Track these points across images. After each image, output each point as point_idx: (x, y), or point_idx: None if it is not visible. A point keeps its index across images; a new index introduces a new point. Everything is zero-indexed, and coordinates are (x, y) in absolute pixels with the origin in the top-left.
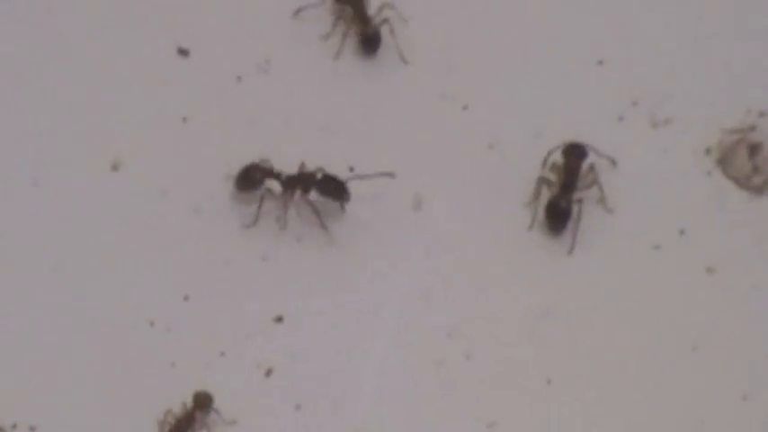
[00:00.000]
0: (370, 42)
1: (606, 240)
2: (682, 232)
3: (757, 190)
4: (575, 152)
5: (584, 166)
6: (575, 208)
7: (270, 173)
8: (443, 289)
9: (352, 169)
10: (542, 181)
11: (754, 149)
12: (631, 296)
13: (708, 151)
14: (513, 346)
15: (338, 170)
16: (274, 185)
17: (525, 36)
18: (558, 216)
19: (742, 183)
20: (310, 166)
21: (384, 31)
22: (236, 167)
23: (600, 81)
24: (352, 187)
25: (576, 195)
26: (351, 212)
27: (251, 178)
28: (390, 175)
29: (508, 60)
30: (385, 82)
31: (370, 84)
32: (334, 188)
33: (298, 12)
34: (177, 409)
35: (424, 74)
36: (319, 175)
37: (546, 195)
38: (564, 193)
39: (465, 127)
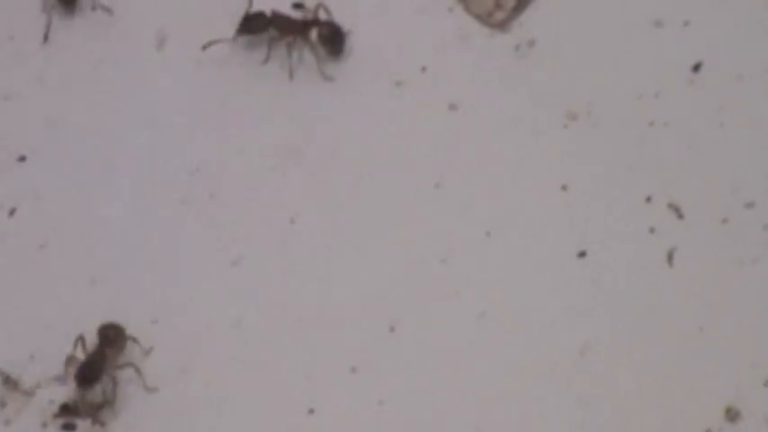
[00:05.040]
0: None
1: (348, 77)
2: (423, 69)
3: (499, 26)
4: None
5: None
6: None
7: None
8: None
9: None
10: None
11: None
12: (375, 132)
13: None
14: (257, 183)
15: None
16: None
17: None
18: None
19: (484, 19)
20: None
21: None
22: None
23: None
24: None
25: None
26: None
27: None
28: None
29: None
30: None
31: None
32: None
33: None
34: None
35: None
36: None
37: None
38: None
39: None
